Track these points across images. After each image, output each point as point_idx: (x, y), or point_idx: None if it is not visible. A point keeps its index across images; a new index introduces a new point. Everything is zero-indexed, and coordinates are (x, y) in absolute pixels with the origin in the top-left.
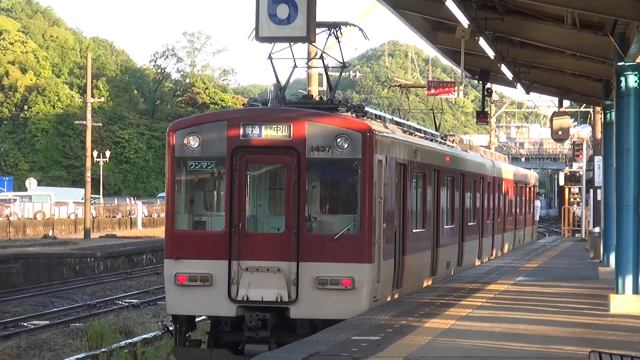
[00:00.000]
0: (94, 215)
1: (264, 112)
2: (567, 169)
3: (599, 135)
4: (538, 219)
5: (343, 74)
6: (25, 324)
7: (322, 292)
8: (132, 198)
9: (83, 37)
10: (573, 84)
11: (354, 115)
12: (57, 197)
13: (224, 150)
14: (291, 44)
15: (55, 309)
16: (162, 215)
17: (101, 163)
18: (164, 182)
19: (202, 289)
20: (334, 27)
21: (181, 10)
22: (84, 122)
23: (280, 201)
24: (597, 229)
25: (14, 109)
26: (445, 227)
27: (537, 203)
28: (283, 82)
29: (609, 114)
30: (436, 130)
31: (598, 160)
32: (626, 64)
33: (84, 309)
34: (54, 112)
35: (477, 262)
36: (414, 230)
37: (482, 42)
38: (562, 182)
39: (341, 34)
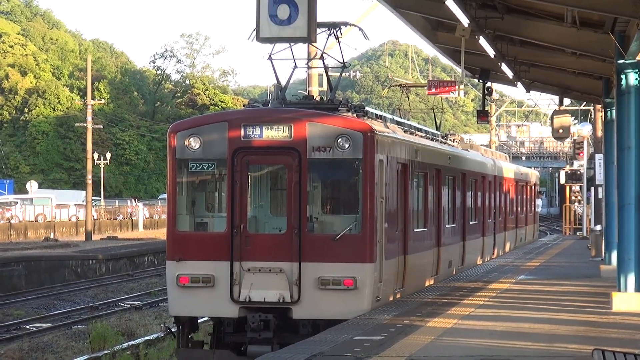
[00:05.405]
0: (95, 218)
1: (265, 113)
2: (567, 167)
3: (599, 133)
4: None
5: (343, 74)
6: (28, 327)
7: (324, 292)
8: (133, 200)
9: (83, 39)
10: (573, 82)
11: (355, 115)
12: (58, 199)
13: (225, 152)
14: (292, 44)
15: (58, 312)
16: (164, 216)
17: (102, 165)
18: (165, 183)
19: (204, 290)
20: (333, 27)
21: (180, 11)
22: (85, 125)
23: (282, 202)
24: (598, 227)
25: (14, 111)
26: (447, 226)
27: (538, 201)
28: (283, 83)
29: (609, 112)
30: (437, 130)
31: (599, 158)
32: (626, 61)
33: (86, 311)
34: (55, 115)
35: (479, 261)
36: (415, 230)
37: (482, 41)
38: (563, 181)
39: (341, 34)
